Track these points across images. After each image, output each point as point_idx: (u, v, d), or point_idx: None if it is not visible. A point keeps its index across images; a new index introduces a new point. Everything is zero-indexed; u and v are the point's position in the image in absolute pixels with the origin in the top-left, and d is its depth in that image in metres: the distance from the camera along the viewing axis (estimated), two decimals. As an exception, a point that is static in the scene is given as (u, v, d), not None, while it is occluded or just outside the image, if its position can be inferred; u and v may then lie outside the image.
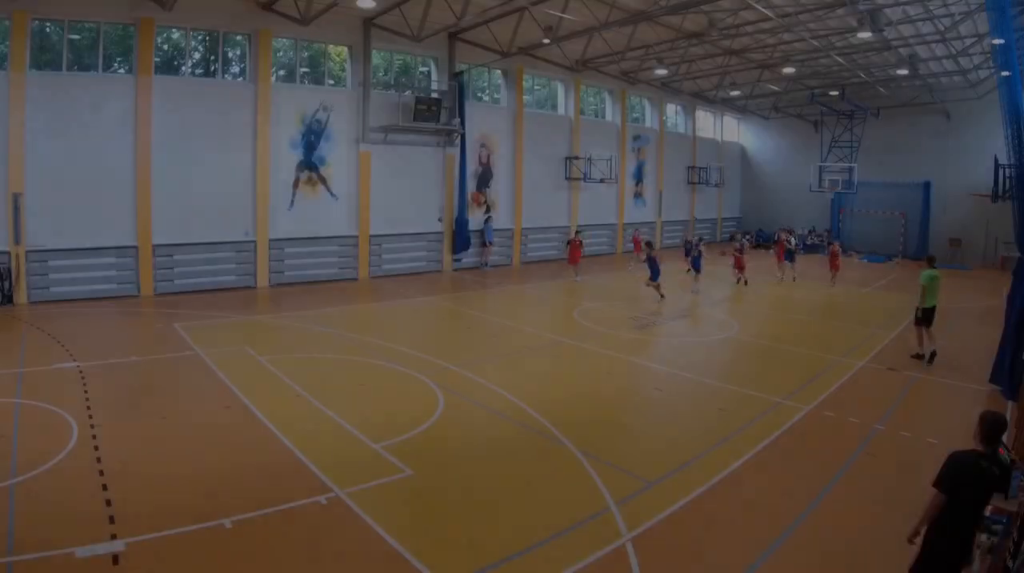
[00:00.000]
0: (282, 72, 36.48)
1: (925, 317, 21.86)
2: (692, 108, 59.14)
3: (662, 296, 31.21)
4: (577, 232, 40.84)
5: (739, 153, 65.03)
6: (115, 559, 9.63)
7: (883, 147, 54.25)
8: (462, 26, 36.73)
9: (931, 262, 22.52)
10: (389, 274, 38.95)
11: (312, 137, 36.33)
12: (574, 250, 38.91)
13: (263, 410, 15.95)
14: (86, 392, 17.00)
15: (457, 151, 41.29)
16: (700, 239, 37.35)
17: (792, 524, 11.13)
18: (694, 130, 59.63)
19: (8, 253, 28.40)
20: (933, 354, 21.65)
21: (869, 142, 54.38)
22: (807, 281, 39.86)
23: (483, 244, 42.20)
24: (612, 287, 38.25)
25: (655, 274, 31.42)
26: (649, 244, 34.50)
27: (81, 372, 18.81)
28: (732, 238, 32.02)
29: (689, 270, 36.24)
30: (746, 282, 36.94)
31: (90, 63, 31.08)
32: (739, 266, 37.30)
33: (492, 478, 12.87)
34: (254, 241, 34.40)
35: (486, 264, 42.27)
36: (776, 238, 41.56)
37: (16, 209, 28.42)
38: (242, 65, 35.03)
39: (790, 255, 39.61)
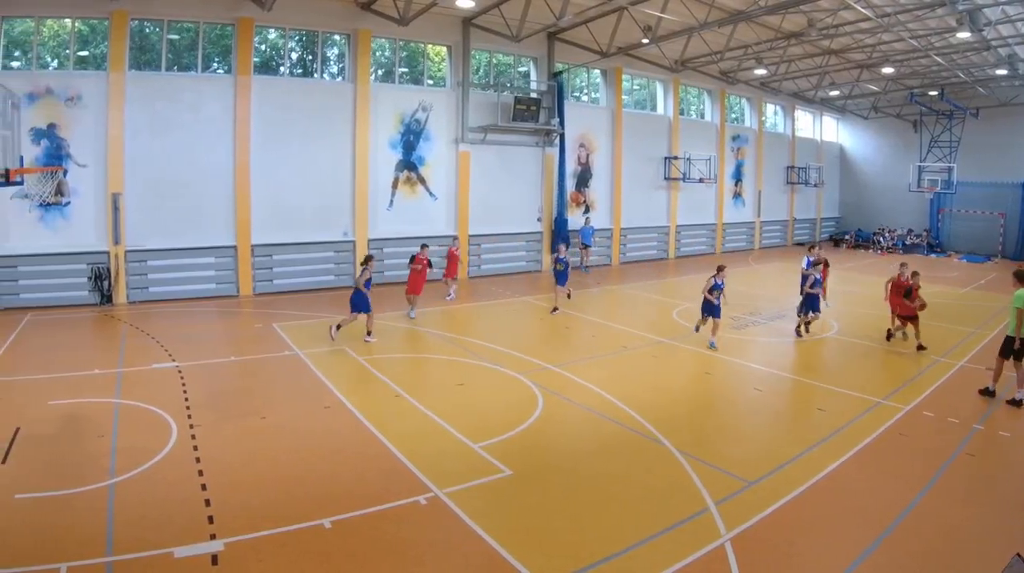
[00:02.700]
0: (381, 72, 35.00)
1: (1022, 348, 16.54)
2: (791, 108, 56.34)
3: (555, 308, 27.40)
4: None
5: (838, 153, 61.78)
6: (214, 559, 9.37)
7: (982, 147, 50.98)
8: (561, 26, 35.09)
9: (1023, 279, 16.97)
10: (488, 274, 37.56)
11: (411, 137, 34.85)
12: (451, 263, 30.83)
13: (362, 410, 15.57)
14: (185, 392, 16.67)
15: (556, 151, 39.43)
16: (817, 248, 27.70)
17: (891, 524, 10.67)
18: (793, 130, 56.77)
19: (108, 253, 27.58)
20: (1020, 402, 16.62)
21: (968, 142, 51.02)
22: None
23: (582, 246, 39.93)
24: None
25: (561, 278, 27.16)
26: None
27: (180, 372, 18.35)
28: (810, 248, 26.53)
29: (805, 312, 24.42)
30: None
31: (189, 63, 29.89)
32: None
33: (591, 478, 12.34)
34: (353, 241, 33.13)
35: (586, 267, 39.89)
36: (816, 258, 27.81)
37: (115, 209, 27.47)
38: (341, 65, 33.63)
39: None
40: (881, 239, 55.27)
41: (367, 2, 31.50)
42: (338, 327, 21.69)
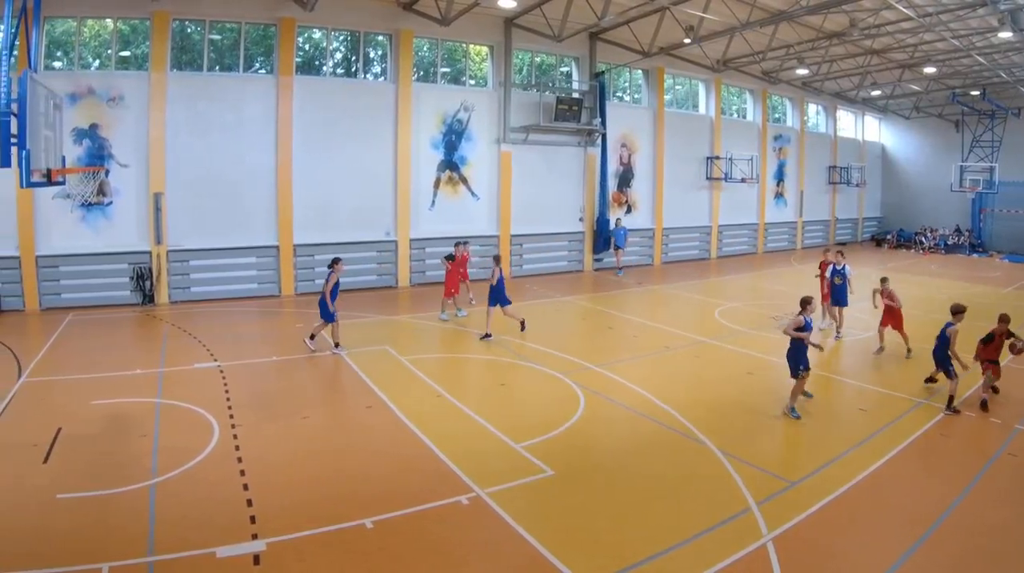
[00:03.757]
0: (423, 72, 34.30)
1: None
2: (833, 108, 55.07)
3: (487, 335, 22.68)
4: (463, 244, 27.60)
5: (879, 153, 60.46)
6: (256, 559, 9.28)
7: (1025, 146, 49.75)
8: (603, 26, 34.39)
9: None
10: (530, 274, 36.71)
11: (453, 137, 34.18)
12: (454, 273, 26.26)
13: (405, 410, 15.36)
14: (227, 392, 16.54)
15: (598, 151, 38.60)
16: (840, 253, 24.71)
17: (932, 525, 10.54)
18: (835, 130, 55.50)
19: (149, 253, 27.25)
20: None
21: (1010, 142, 50.11)
22: (946, 281, 36.84)
23: (615, 248, 38.91)
24: (754, 287, 36.03)
25: (500, 300, 22.65)
26: (497, 258, 23.46)
27: (222, 372, 18.23)
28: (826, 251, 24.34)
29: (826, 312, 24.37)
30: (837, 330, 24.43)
31: (231, 63, 29.37)
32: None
33: (633, 478, 12.22)
34: (395, 241, 32.56)
35: (620, 270, 38.72)
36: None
37: (157, 209, 27.10)
38: (383, 65, 32.96)
39: (840, 295, 23.86)
40: (923, 239, 54.13)
41: (409, 2, 30.92)
42: (312, 337, 20.73)
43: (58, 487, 11.14)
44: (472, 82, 35.58)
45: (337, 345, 20.63)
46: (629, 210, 41.16)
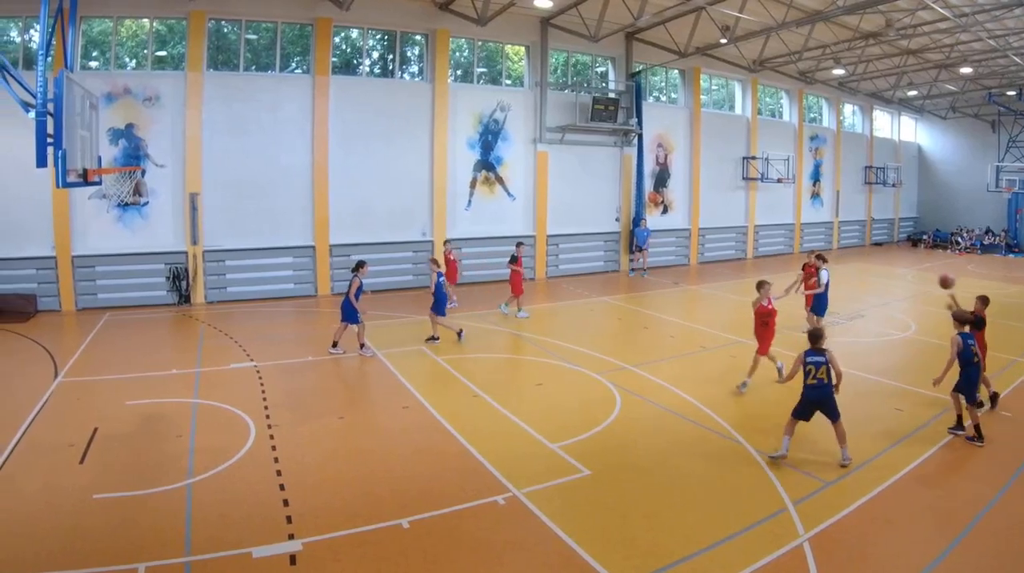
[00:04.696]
0: (459, 72, 33.81)
1: None
2: (869, 108, 54.11)
3: (435, 337, 21.79)
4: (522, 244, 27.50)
5: (916, 153, 59.50)
6: (292, 559, 9.18)
7: (1061, 147, 48.12)
8: (639, 26, 33.85)
9: None
10: (566, 274, 36.14)
11: (489, 137, 33.62)
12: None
13: (441, 410, 15.15)
14: (263, 392, 16.40)
15: (634, 151, 37.93)
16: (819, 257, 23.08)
17: (969, 524, 10.34)
18: (871, 130, 54.58)
19: (185, 253, 26.93)
20: None
21: (1047, 142, 48.19)
22: (980, 280, 35.87)
23: (637, 249, 38.14)
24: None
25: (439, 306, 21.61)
26: (434, 261, 22.58)
27: (258, 372, 18.10)
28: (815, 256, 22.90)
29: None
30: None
31: (267, 63, 28.94)
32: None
33: (669, 478, 12.05)
34: (431, 241, 32.01)
35: (644, 271, 38.02)
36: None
37: (193, 209, 26.74)
38: (420, 65, 32.44)
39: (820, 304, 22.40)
40: (959, 239, 53.27)
41: (445, 2, 30.52)
42: (335, 345, 20.24)
43: (95, 487, 11.05)
44: (508, 82, 34.98)
45: (362, 346, 20.10)
46: (665, 210, 40.51)
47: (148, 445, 13.13)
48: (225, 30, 28.46)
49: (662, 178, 40.37)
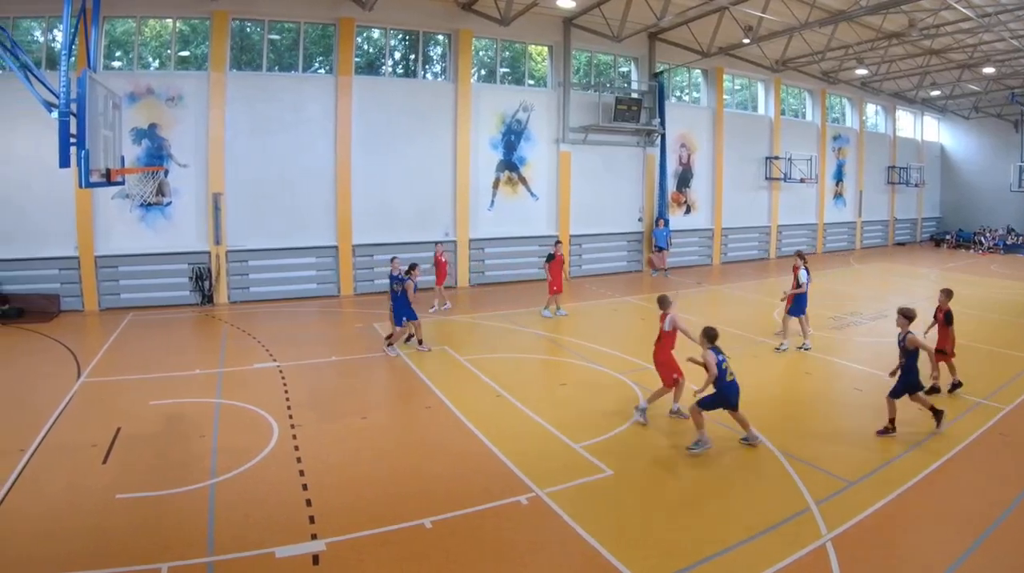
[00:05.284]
0: (482, 72, 33.50)
1: None
2: (892, 108, 53.53)
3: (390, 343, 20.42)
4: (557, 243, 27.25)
5: (939, 153, 58.88)
6: (315, 559, 9.10)
7: (1083, 146, 47.36)
8: (662, 26, 33.54)
9: None
10: (589, 274, 35.81)
11: (512, 137, 33.27)
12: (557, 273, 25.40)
13: (464, 410, 15.02)
14: (286, 392, 16.25)
15: (657, 151, 37.57)
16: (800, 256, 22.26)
17: (992, 525, 10.17)
18: (894, 130, 53.98)
19: (208, 253, 26.76)
20: None
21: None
22: (1003, 280, 35.86)
23: (657, 249, 37.77)
24: (814, 287, 34.77)
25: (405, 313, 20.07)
26: (413, 267, 20.94)
27: (281, 372, 17.96)
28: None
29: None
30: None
31: (290, 63, 28.66)
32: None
33: (692, 478, 12.02)
34: (454, 241, 31.73)
35: (666, 271, 37.52)
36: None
37: (216, 209, 26.50)
38: (442, 65, 32.13)
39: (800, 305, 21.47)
40: (982, 239, 52.68)
41: (468, 2, 30.30)
42: (389, 345, 19.86)
43: (117, 487, 11.00)
44: (531, 82, 34.67)
45: (390, 344, 19.84)
46: (688, 210, 40.10)
47: (171, 445, 13.03)
48: (248, 30, 28.19)
49: (685, 178, 39.95)
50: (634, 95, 36.73)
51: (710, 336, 12.89)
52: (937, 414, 13.83)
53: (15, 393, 16.28)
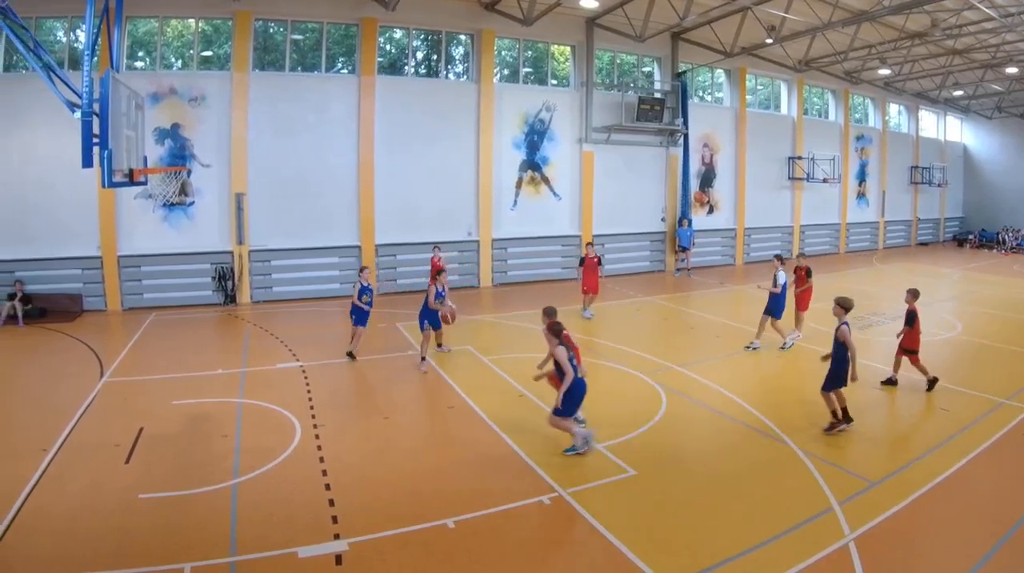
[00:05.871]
0: (505, 72, 33.19)
1: None
2: (915, 108, 52.95)
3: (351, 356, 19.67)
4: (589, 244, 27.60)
5: (961, 153, 58.30)
6: (338, 559, 9.04)
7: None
8: (685, 26, 33.06)
9: None
10: (612, 274, 35.14)
11: (535, 137, 32.90)
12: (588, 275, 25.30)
13: (486, 410, 14.91)
14: (309, 392, 16.14)
15: (680, 151, 37.18)
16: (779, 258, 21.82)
17: (1015, 525, 10.03)
18: (917, 130, 53.40)
19: (231, 253, 26.57)
20: None
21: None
22: None
23: (680, 248, 37.40)
24: (836, 287, 34.32)
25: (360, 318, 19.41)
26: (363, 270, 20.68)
27: (304, 372, 17.88)
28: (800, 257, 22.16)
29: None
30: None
31: (313, 63, 28.43)
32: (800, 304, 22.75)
33: (715, 478, 11.82)
34: (477, 241, 31.47)
35: (689, 271, 37.29)
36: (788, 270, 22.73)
37: (239, 209, 26.31)
38: (465, 65, 31.83)
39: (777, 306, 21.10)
40: (1005, 239, 52.15)
41: (491, 2, 30.03)
42: (423, 359, 18.73)
43: (140, 487, 10.95)
44: (554, 82, 34.34)
45: (423, 358, 18.92)
46: (711, 210, 39.65)
47: (194, 445, 12.96)
48: (271, 30, 27.93)
49: (708, 178, 39.52)
50: (657, 95, 36.32)
51: (556, 331, 12.65)
52: (837, 421, 13.71)
53: (38, 393, 16.18)
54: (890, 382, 16.80)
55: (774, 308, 20.56)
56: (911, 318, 16.39)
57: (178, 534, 9.61)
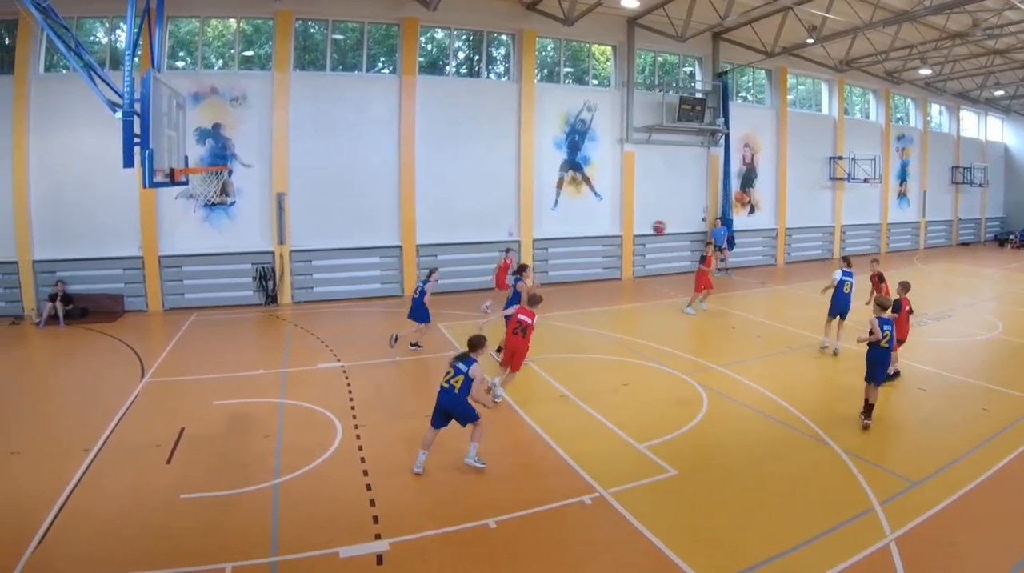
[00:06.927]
0: (546, 71, 32.50)
1: None
2: (956, 108, 51.64)
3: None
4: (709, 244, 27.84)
5: (1002, 153, 56.94)
6: (379, 559, 8.98)
7: None
8: (726, 26, 32.46)
9: None
10: (652, 274, 34.77)
11: (576, 137, 32.22)
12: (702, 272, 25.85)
13: (528, 411, 14.78)
14: (350, 392, 16.04)
15: (721, 151, 36.37)
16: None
17: None
18: (958, 130, 52.07)
19: (272, 253, 26.22)
20: None
21: None
22: None
23: (715, 248, 36.93)
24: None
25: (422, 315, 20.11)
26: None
27: (345, 372, 17.74)
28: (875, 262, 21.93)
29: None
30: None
31: (354, 63, 27.90)
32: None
33: (756, 478, 11.68)
34: (518, 241, 30.78)
35: (728, 270, 36.61)
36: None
37: (280, 209, 25.90)
38: (506, 65, 31.21)
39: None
40: (1046, 239, 50.08)
41: (532, 2, 29.49)
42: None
43: (181, 487, 10.90)
44: (595, 82, 33.65)
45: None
46: (752, 210, 38.79)
47: (235, 445, 12.87)
48: (312, 30, 27.45)
49: (749, 178, 38.63)
50: (698, 95, 35.56)
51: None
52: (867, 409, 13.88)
53: (79, 393, 16.09)
54: (893, 376, 16.58)
55: (841, 309, 20.05)
56: (897, 306, 15.87)
57: (219, 534, 9.52)
